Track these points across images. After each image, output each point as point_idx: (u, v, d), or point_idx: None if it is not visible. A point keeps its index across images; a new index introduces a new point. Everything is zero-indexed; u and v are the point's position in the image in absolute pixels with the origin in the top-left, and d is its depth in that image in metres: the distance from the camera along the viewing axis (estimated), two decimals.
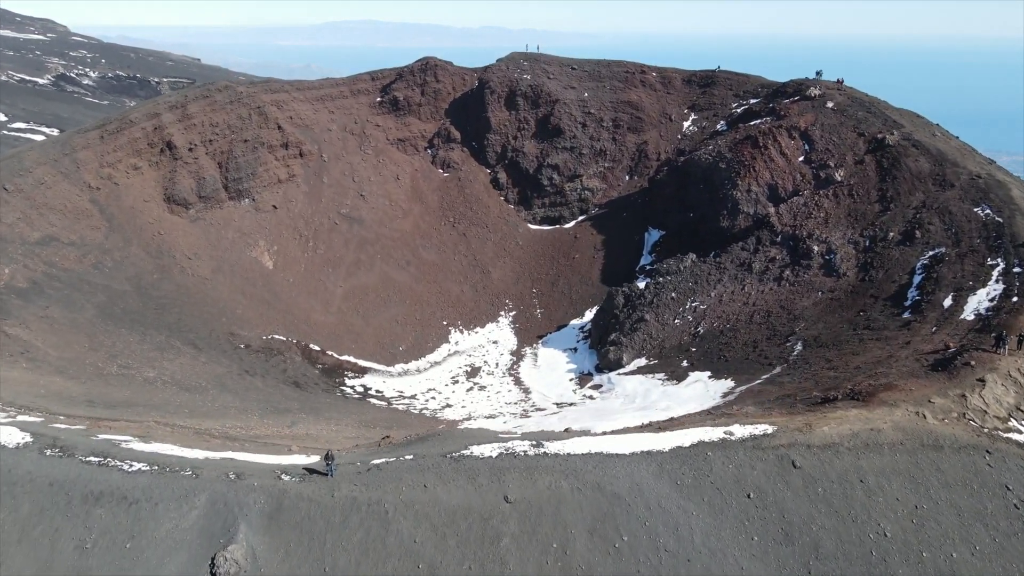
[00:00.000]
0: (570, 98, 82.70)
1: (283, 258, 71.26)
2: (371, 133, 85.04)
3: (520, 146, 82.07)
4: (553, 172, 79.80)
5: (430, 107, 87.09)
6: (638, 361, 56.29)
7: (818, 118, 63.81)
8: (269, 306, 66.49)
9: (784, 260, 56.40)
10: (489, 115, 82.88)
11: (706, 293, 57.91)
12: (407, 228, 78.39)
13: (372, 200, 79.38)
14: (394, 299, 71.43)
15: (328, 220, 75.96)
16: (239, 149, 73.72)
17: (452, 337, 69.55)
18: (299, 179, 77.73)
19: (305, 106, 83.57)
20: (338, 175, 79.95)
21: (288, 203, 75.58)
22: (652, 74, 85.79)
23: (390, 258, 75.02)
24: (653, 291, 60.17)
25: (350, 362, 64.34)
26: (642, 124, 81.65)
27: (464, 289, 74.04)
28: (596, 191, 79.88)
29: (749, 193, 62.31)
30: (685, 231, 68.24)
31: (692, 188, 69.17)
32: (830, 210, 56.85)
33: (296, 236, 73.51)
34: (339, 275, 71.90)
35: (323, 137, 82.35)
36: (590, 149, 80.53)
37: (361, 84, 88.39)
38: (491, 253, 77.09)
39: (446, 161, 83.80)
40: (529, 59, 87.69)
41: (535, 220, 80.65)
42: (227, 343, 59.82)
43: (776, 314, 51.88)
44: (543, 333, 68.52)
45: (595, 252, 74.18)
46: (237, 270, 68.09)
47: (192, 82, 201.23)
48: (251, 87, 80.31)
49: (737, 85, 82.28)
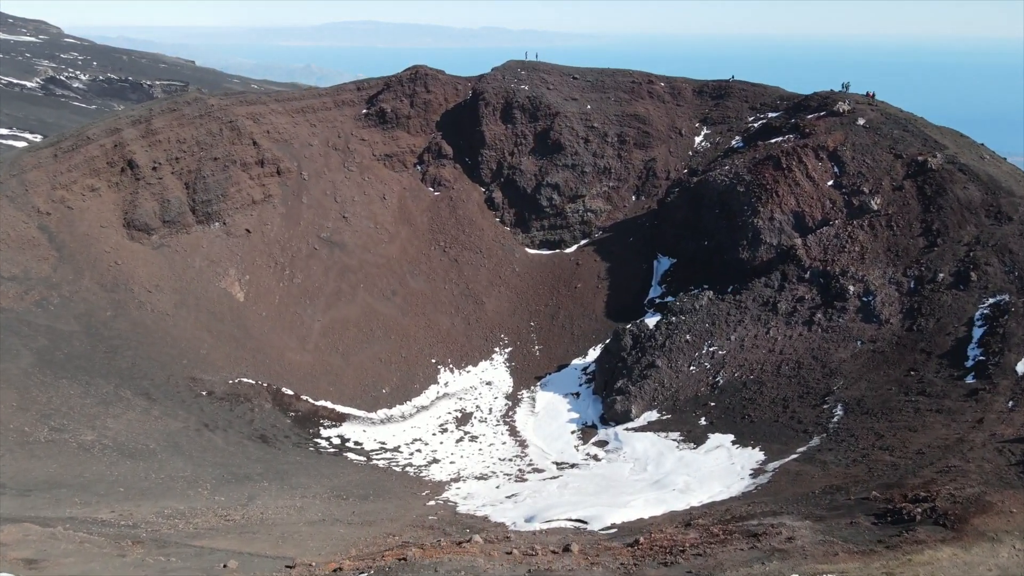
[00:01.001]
0: (571, 111, 76.14)
1: (256, 289, 64.71)
2: (356, 148, 78.49)
3: (517, 163, 75.55)
4: (553, 192, 73.26)
5: (420, 120, 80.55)
6: (648, 414, 49.75)
7: (848, 137, 57.26)
8: (238, 344, 59.94)
9: (814, 300, 49.83)
10: (483, 129, 76.36)
11: (725, 336, 51.34)
12: (393, 253, 71.82)
13: (355, 222, 72.82)
14: (378, 334, 64.86)
15: (307, 245, 69.40)
16: (209, 168, 67.19)
17: (441, 377, 62.99)
18: (275, 200, 71.19)
19: (284, 119, 77.05)
20: (319, 195, 73.41)
21: (263, 226, 69.04)
22: (660, 84, 79.23)
23: (374, 287, 68.45)
24: (665, 332, 53.60)
25: (327, 408, 57.78)
26: (650, 139, 75.08)
27: (455, 322, 67.48)
28: (600, 213, 73.30)
29: (772, 221, 55.75)
30: (699, 260, 61.66)
31: (706, 213, 62.61)
32: (866, 244, 50.27)
33: (271, 263, 66.96)
34: (317, 307, 65.34)
35: (303, 153, 75.83)
36: (593, 167, 73.99)
37: (345, 95, 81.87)
38: (485, 281, 70.51)
39: (437, 179, 77.29)
40: (527, 68, 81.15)
41: (533, 244, 74.09)
42: (187, 390, 53.27)
43: (808, 366, 45.31)
44: (542, 374, 61.94)
45: (599, 281, 67.59)
46: (203, 303, 61.55)
47: (185, 85, 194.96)
48: (224, 99, 73.79)
49: (753, 97, 75.71)
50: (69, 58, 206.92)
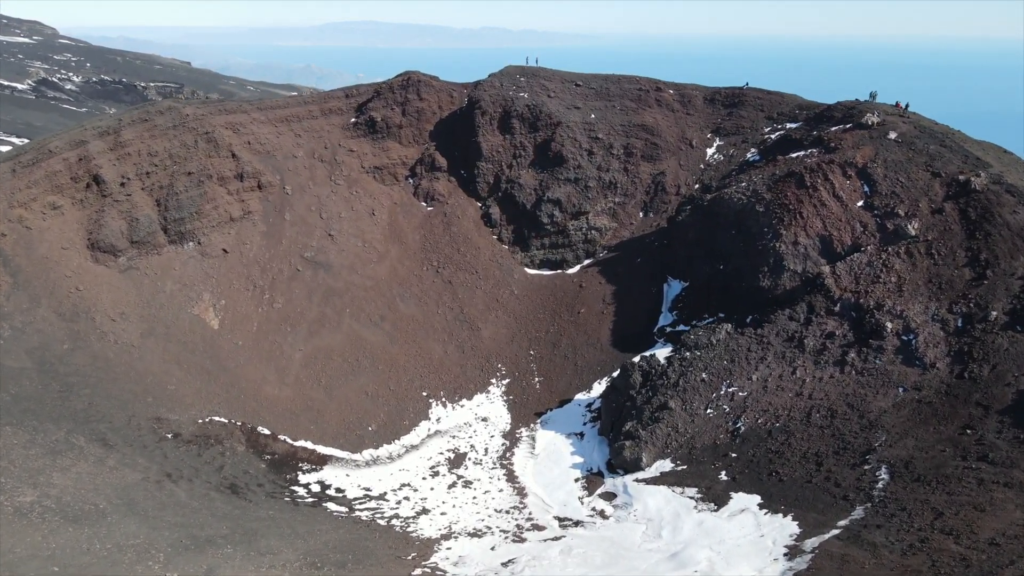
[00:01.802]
0: (574, 120, 71.02)
1: (232, 315, 59.59)
2: (343, 160, 73.38)
3: (516, 176, 70.42)
4: (554, 208, 68.13)
5: (412, 129, 75.44)
6: (661, 463, 44.62)
7: (879, 152, 52.14)
8: (210, 378, 54.84)
9: (846, 337, 44.70)
10: (480, 140, 71.24)
11: (746, 375, 46.22)
12: (382, 274, 66.68)
13: (342, 240, 67.70)
14: (364, 364, 59.73)
15: (289, 266, 64.29)
16: (182, 182, 62.10)
17: (433, 412, 57.86)
18: (255, 216, 66.08)
19: (267, 129, 71.95)
20: (303, 211, 68.30)
21: (241, 246, 63.92)
22: (669, 92, 74.12)
23: (361, 312, 63.32)
24: (678, 369, 48.47)
25: (307, 450, 52.68)
26: (658, 151, 69.95)
27: (448, 350, 62.33)
28: (605, 231, 68.17)
29: (796, 246, 50.61)
30: (714, 286, 56.52)
31: (721, 233, 57.48)
32: (904, 274, 45.13)
33: (249, 287, 61.85)
34: (299, 335, 60.21)
35: (286, 165, 70.72)
36: (597, 181, 68.86)
37: (333, 103, 76.75)
38: (481, 305, 65.38)
39: (430, 193, 72.18)
40: (526, 74, 76.04)
41: (533, 264, 68.97)
42: (149, 433, 48.18)
43: (842, 415, 40.18)
44: (542, 409, 56.82)
45: (604, 306, 62.46)
46: (174, 332, 56.45)
47: (180, 87, 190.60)
48: (201, 107, 68.69)
49: (770, 105, 70.60)
50: (62, 59, 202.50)
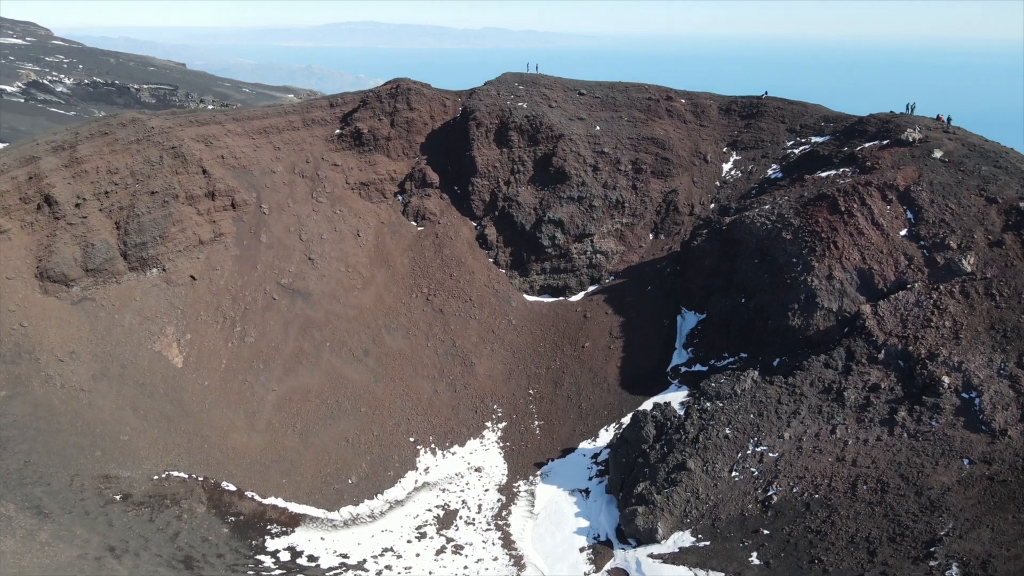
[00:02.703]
0: (577, 132, 65.04)
1: (198, 351, 53.64)
2: (326, 175, 67.44)
3: (514, 194, 64.46)
4: (556, 229, 62.15)
5: (401, 141, 69.50)
6: (680, 536, 38.63)
7: (923, 174, 46.16)
8: (170, 426, 48.89)
9: (893, 391, 38.73)
10: (475, 153, 65.28)
11: (776, 433, 40.21)
12: (367, 303, 60.71)
13: (323, 265, 61.73)
14: (345, 406, 53.75)
15: (264, 294, 58.34)
16: (145, 203, 56.23)
17: (421, 461, 51.87)
18: (228, 239, 60.15)
19: (243, 141, 66.04)
20: (281, 232, 62.35)
21: (211, 272, 58.00)
22: (681, 101, 68.15)
23: (342, 346, 57.34)
24: (697, 422, 42.47)
25: (277, 508, 46.69)
26: (669, 167, 63.95)
27: (439, 389, 56.34)
28: (611, 255, 62.17)
29: (830, 280, 44.61)
30: (734, 322, 50.50)
31: (743, 262, 51.52)
32: (960, 317, 39.14)
33: (219, 319, 55.90)
34: (272, 373, 54.25)
35: (264, 182, 64.80)
36: (603, 199, 62.84)
37: (316, 112, 70.81)
38: (475, 337, 59.38)
39: (420, 211, 66.23)
40: (525, 82, 70.06)
41: (533, 290, 63.02)
42: (94, 496, 42.28)
43: (896, 490, 34.18)
44: (543, 459, 50.81)
45: (611, 340, 56.46)
46: (130, 373, 50.53)
47: (174, 89, 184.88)
48: (169, 119, 62.80)
49: (792, 117, 64.62)
50: (54, 61, 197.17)
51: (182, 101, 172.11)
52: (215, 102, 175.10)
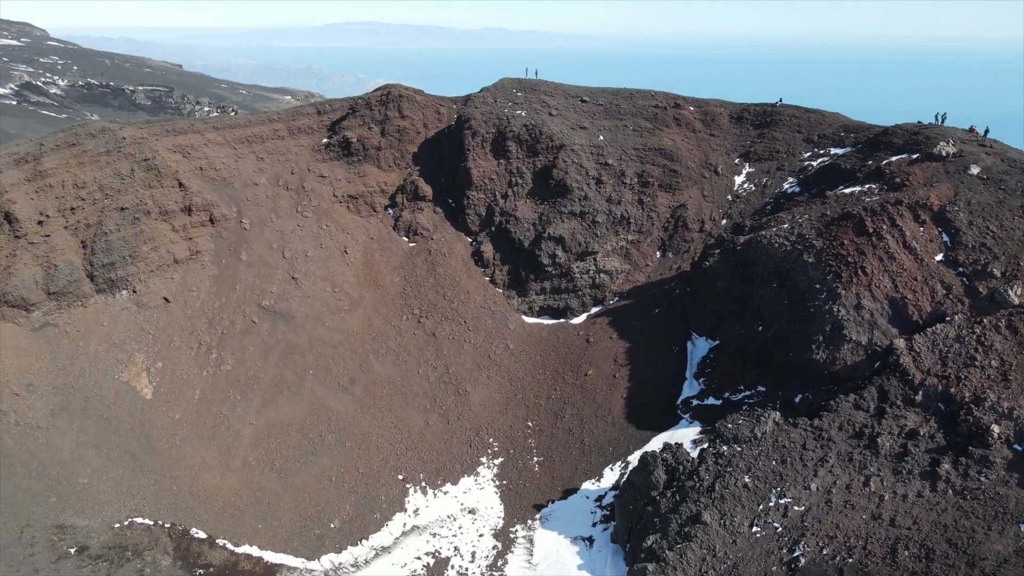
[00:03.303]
0: (579, 143, 60.99)
1: (169, 381, 49.61)
2: (313, 187, 63.41)
3: (512, 208, 60.41)
4: (556, 246, 58.09)
5: (393, 152, 65.46)
6: None
7: (960, 192, 42.12)
8: (136, 465, 44.88)
9: (934, 439, 34.67)
10: (470, 165, 61.24)
11: (802, 483, 36.15)
12: (354, 326, 56.67)
13: (308, 285, 57.70)
14: (328, 441, 49.70)
15: (243, 317, 54.31)
16: (113, 220, 52.22)
17: (410, 501, 47.81)
18: (205, 257, 56.14)
19: (223, 151, 61.99)
20: (262, 249, 58.32)
21: (186, 294, 53.99)
22: (689, 108, 64.09)
23: (327, 374, 53.31)
24: (713, 468, 38.40)
25: (251, 558, 42.69)
26: (678, 179, 59.88)
27: (431, 420, 52.28)
28: (616, 274, 58.10)
29: (859, 311, 40.55)
30: (751, 352, 46.40)
31: (759, 286, 47.47)
32: (1008, 356, 35.07)
33: (194, 344, 51.87)
34: (250, 404, 50.22)
35: (245, 195, 60.78)
36: (607, 215, 58.78)
37: (303, 120, 66.75)
38: (470, 363, 55.33)
39: (412, 226, 62.20)
40: (524, 88, 65.98)
41: (532, 311, 58.97)
42: (46, 550, 38.34)
43: (943, 558, 30.10)
44: (543, 500, 46.76)
45: (616, 367, 52.41)
46: (94, 406, 46.52)
47: (170, 90, 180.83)
48: (143, 127, 58.79)
49: (808, 126, 60.55)
50: (48, 62, 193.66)
51: (178, 103, 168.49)
52: (211, 104, 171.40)
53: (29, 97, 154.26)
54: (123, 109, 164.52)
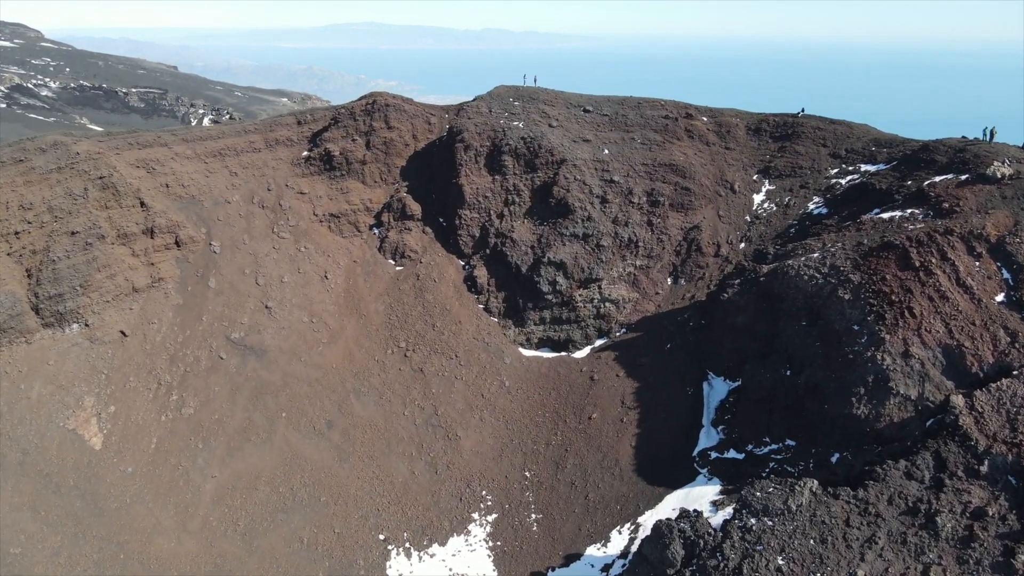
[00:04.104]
0: (582, 157, 55.60)
1: (123, 428, 44.20)
2: (291, 205, 58.05)
3: (508, 229, 55.01)
4: (557, 272, 52.68)
5: (379, 166, 60.11)
6: None
7: (1021, 222, 36.69)
8: (78, 529, 39.47)
9: (1007, 521, 29.20)
10: (462, 181, 55.88)
11: (846, 568, 30.66)
12: (334, 361, 51.28)
13: (283, 314, 52.31)
14: (301, 496, 44.27)
15: (209, 353, 48.90)
16: (62, 245, 46.82)
17: (392, 566, 42.37)
18: (168, 285, 50.76)
19: (193, 166, 56.66)
20: (233, 275, 52.94)
21: (146, 326, 48.59)
22: (702, 119, 58.71)
23: (302, 417, 47.90)
24: (739, 546, 32.91)
25: None
26: (690, 198, 54.48)
27: (417, 470, 46.86)
28: (623, 304, 52.69)
29: (907, 359, 35.12)
30: (778, 399, 40.95)
31: (787, 324, 42.03)
32: None
33: (152, 385, 46.46)
34: (213, 454, 44.79)
35: (216, 214, 55.42)
36: (613, 238, 53.35)
37: (281, 131, 61.40)
38: (461, 403, 49.92)
39: (399, 248, 56.85)
40: (522, 97, 60.56)
41: (530, 343, 53.59)
42: None
43: None
44: (541, 567, 41.31)
45: (624, 410, 46.98)
46: (34, 460, 41.09)
47: (164, 92, 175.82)
48: (103, 140, 53.49)
49: (834, 139, 55.15)
50: (40, 64, 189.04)
51: (172, 105, 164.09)
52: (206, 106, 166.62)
53: (19, 100, 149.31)
54: (116, 112, 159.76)
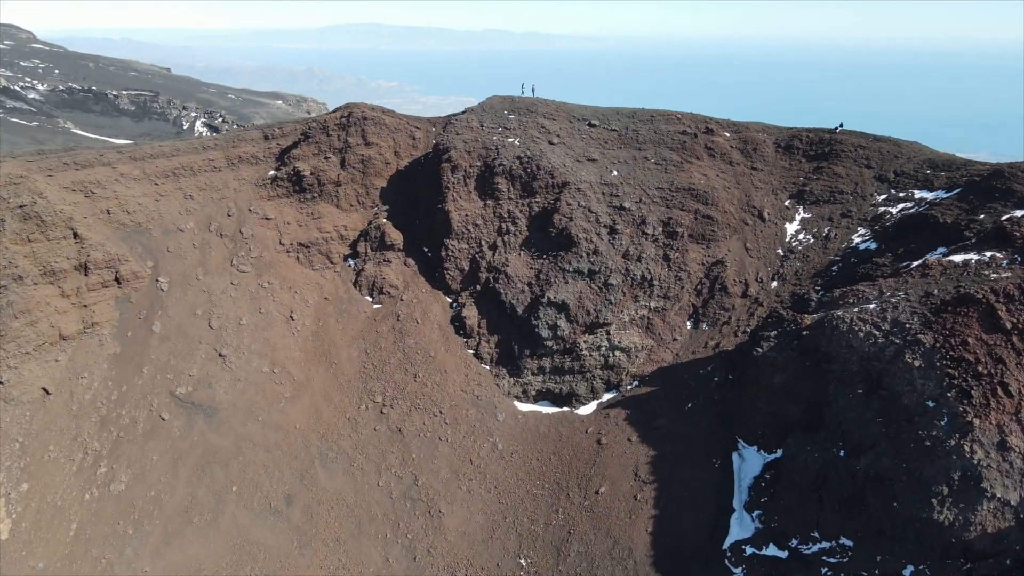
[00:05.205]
0: (588, 179, 48.18)
1: (36, 510, 36.80)
2: (254, 233, 50.69)
3: (502, 262, 47.60)
4: (558, 314, 45.23)
5: (355, 187, 52.76)
6: None
7: None
8: None
9: None
10: (449, 207, 48.48)
11: None
12: (298, 420, 43.85)
13: (239, 364, 44.91)
14: None
15: (148, 413, 41.50)
16: None
17: None
18: (104, 331, 43.40)
19: (142, 188, 49.32)
20: (183, 317, 45.55)
21: (74, 382, 41.21)
22: (724, 135, 51.31)
23: (256, 491, 40.47)
24: None
25: None
26: (713, 228, 47.07)
27: (392, 556, 39.40)
28: (635, 352, 45.24)
29: (1004, 453, 27.68)
30: (831, 485, 33.42)
31: (838, 390, 34.58)
32: None
33: (76, 454, 39.09)
34: (146, 542, 37.36)
35: (166, 244, 48.06)
36: (623, 275, 45.91)
37: (245, 147, 54.02)
38: (446, 471, 42.47)
39: (377, 282, 49.49)
40: (518, 109, 53.12)
41: (527, 396, 46.16)
42: None
43: None
44: None
45: (638, 484, 39.55)
46: None
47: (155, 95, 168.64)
48: (33, 160, 46.16)
49: (880, 159, 47.69)
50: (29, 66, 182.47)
51: (164, 108, 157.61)
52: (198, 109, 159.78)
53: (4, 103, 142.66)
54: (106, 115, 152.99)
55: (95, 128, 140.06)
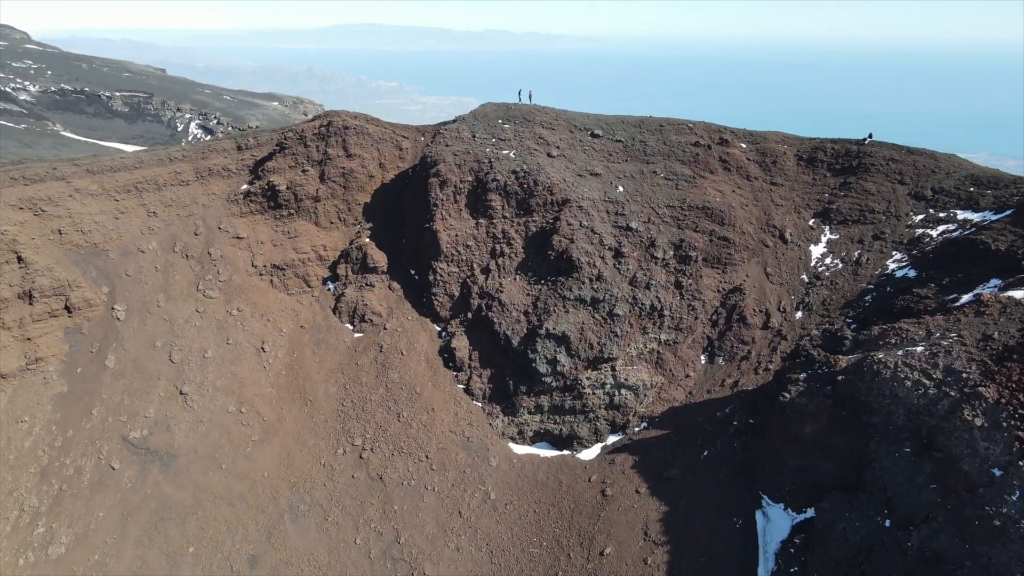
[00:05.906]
0: (590, 196, 43.58)
1: None
2: (224, 254, 46.10)
3: (495, 288, 43.00)
4: (558, 347, 40.61)
5: (336, 203, 48.19)
6: None
7: None
8: None
9: None
10: (437, 226, 43.90)
11: None
12: (266, 467, 39.26)
13: (202, 403, 40.33)
14: None
15: (96, 462, 36.94)
16: None
17: None
18: (50, 367, 38.84)
19: (100, 205, 44.75)
20: (140, 350, 40.97)
21: (12, 427, 36.66)
22: (740, 146, 46.72)
23: (216, 552, 35.87)
24: None
25: None
26: (730, 250, 42.48)
27: None
28: (643, 391, 40.63)
29: None
30: (877, 560, 28.76)
31: (881, 446, 29.94)
32: None
33: (11, 512, 34.55)
34: None
35: (125, 267, 43.50)
36: (631, 304, 41.30)
37: (216, 159, 49.46)
38: (432, 525, 37.88)
39: (359, 309, 44.91)
40: (514, 118, 48.50)
41: (523, 437, 41.57)
42: None
43: None
44: None
45: (647, 545, 34.93)
46: None
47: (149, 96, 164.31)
48: None
49: (915, 174, 43.08)
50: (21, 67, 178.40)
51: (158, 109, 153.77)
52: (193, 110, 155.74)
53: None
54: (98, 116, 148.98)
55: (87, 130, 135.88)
